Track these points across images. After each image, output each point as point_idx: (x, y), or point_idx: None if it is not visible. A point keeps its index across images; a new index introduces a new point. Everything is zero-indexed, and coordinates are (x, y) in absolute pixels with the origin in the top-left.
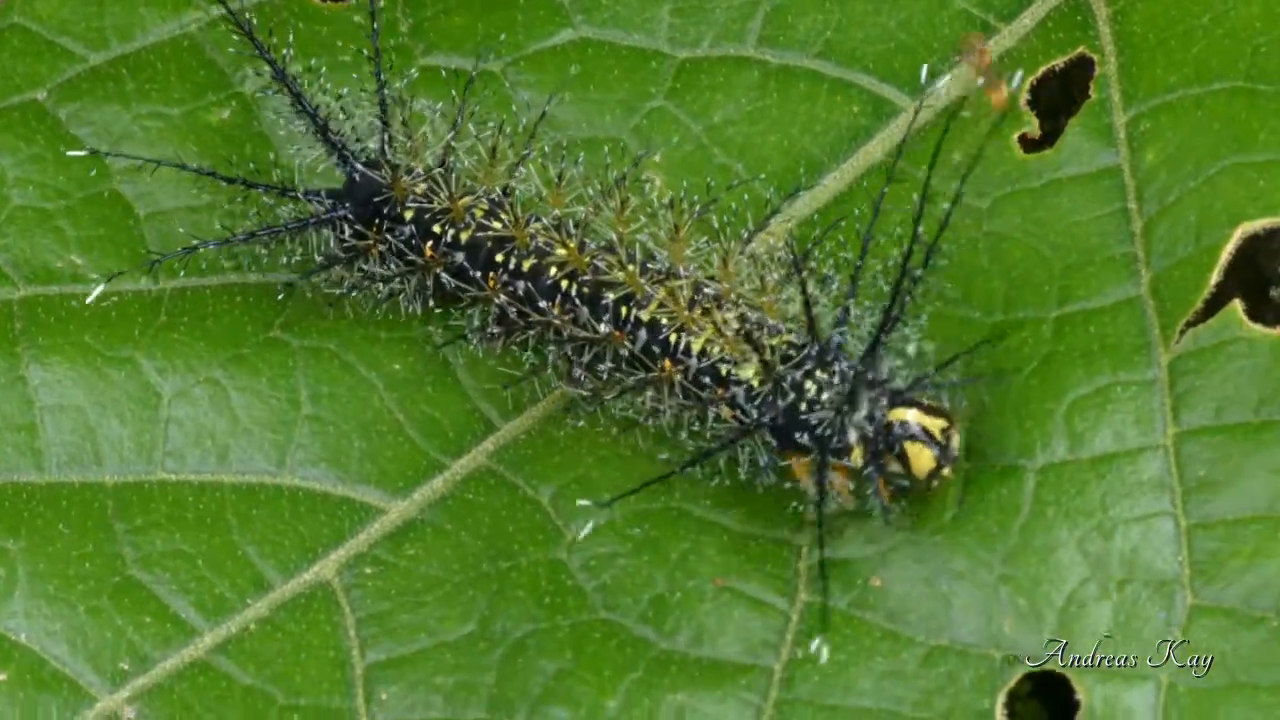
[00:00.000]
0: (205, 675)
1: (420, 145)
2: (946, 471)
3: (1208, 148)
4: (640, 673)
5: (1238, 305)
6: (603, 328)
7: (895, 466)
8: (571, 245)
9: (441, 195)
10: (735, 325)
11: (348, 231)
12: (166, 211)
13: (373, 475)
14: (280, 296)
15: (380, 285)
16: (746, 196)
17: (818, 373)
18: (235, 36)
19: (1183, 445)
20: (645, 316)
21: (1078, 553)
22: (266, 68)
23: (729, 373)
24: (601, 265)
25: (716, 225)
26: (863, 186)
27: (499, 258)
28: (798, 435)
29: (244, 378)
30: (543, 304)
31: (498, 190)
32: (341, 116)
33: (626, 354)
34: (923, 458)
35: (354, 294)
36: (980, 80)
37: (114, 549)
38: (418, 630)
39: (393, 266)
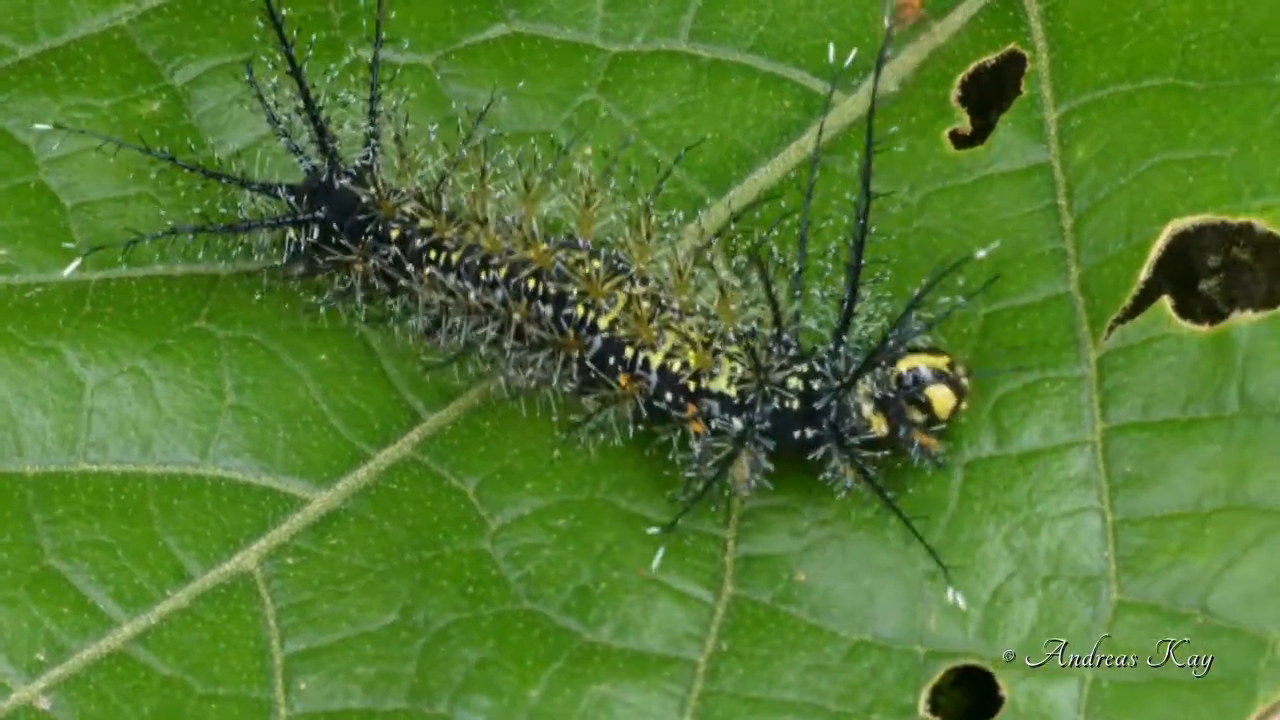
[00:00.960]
0: (123, 665)
1: (412, 164)
2: (964, 404)
3: (1138, 144)
4: (563, 663)
5: (1166, 302)
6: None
7: (917, 415)
8: (541, 247)
9: (428, 216)
10: (699, 335)
11: (316, 233)
12: (93, 202)
13: (297, 466)
14: (258, 297)
15: (343, 282)
16: (666, 188)
17: (802, 366)
18: (261, 24)
19: (1110, 441)
20: (603, 323)
21: (1004, 548)
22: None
23: (699, 386)
24: (564, 268)
25: (657, 223)
26: (792, 180)
27: (530, 283)
28: (800, 433)
29: (168, 368)
30: (498, 297)
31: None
32: (286, 118)
33: (577, 364)
34: (943, 397)
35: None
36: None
37: (32, 539)
38: (339, 620)
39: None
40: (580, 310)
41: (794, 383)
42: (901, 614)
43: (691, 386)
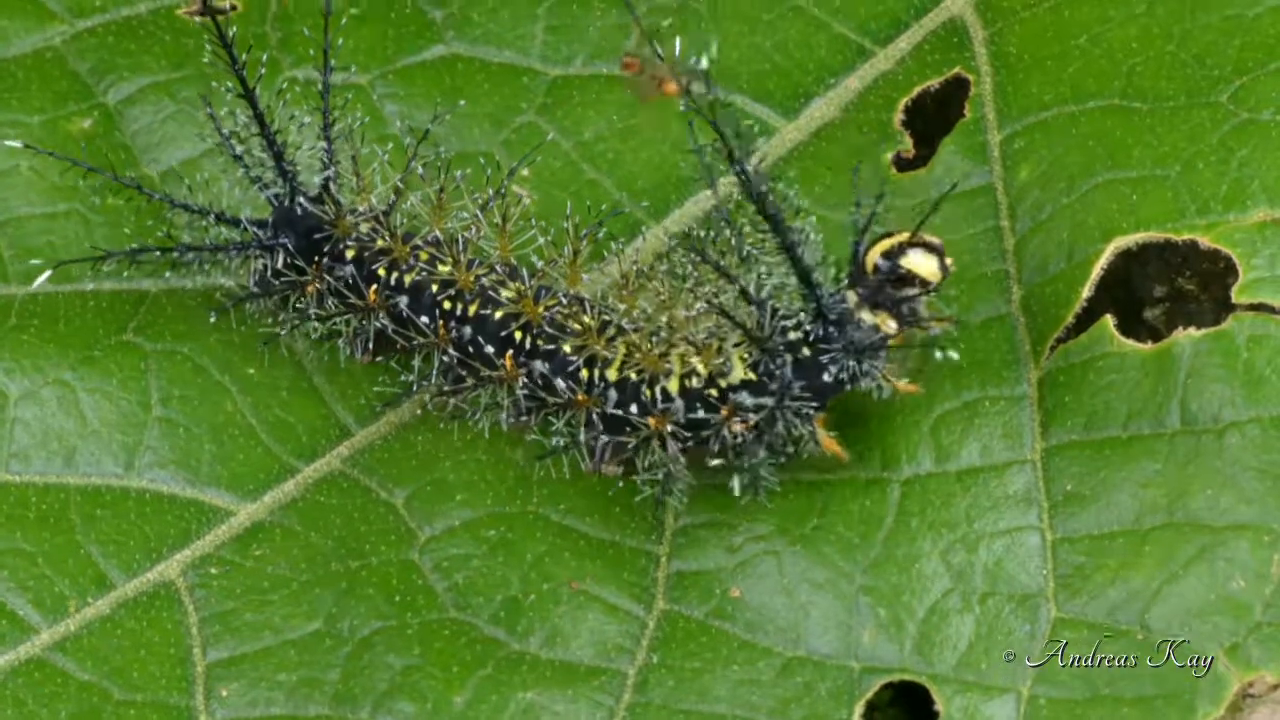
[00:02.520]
0: (41, 671)
1: (367, 185)
2: (950, 262)
3: (1081, 164)
4: (490, 670)
5: (1109, 320)
6: (561, 384)
7: (910, 290)
8: (527, 296)
9: (384, 236)
10: (699, 345)
11: (280, 261)
12: (21, 218)
13: (223, 478)
14: (213, 319)
15: (313, 318)
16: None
17: (791, 321)
18: (209, 47)
19: (1050, 460)
20: (612, 374)
21: (941, 564)
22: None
23: (723, 389)
24: (556, 321)
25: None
26: (734, 202)
27: (445, 303)
28: (828, 372)
29: (94, 379)
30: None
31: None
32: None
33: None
34: (924, 262)
35: (290, 330)
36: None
37: None
38: (262, 628)
39: (331, 305)
40: (586, 373)
41: (794, 334)
42: (837, 629)
43: (715, 393)
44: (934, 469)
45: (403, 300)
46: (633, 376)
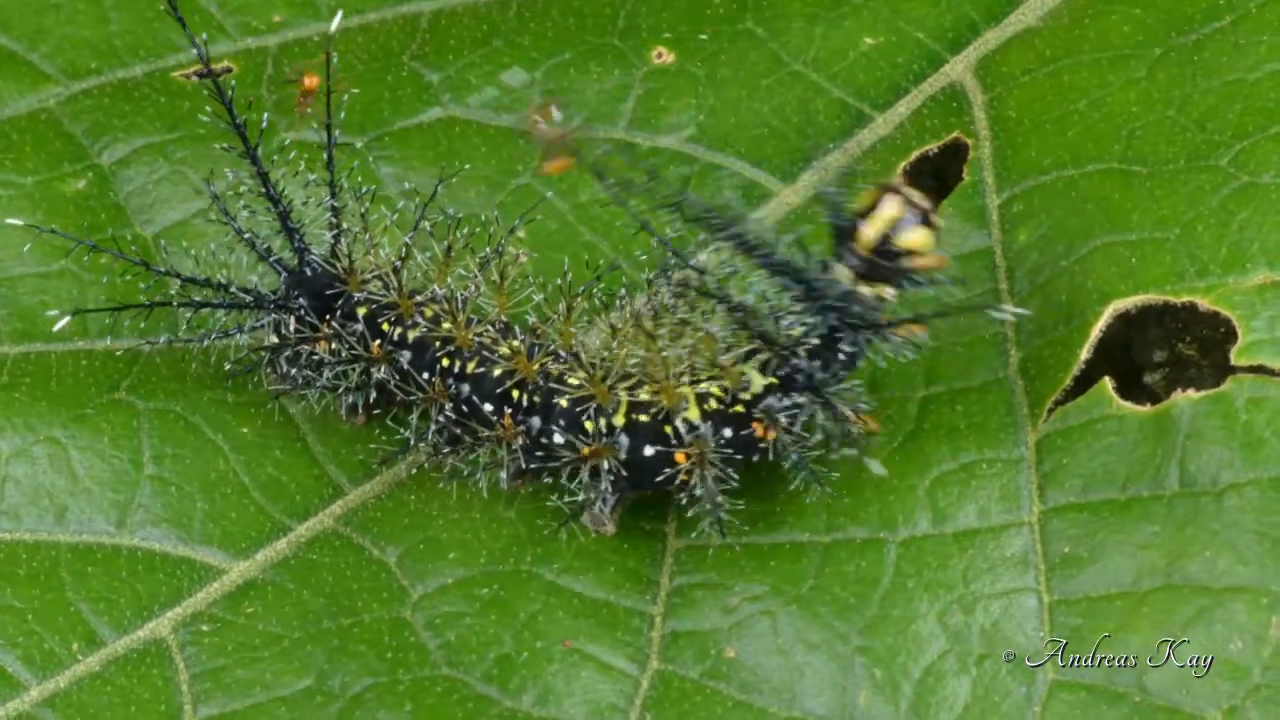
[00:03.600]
0: None
1: (374, 244)
2: (936, 220)
3: (1080, 228)
4: None
5: (1107, 383)
6: (567, 439)
7: (910, 262)
8: (521, 353)
9: (392, 293)
10: (712, 368)
11: (293, 323)
12: (14, 278)
13: (215, 536)
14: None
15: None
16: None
17: (790, 317)
18: (210, 110)
19: (1048, 522)
20: (620, 422)
21: (937, 625)
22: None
23: (747, 402)
24: (564, 377)
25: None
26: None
27: (444, 360)
28: (844, 350)
29: (86, 437)
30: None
31: (447, 287)
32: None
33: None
34: (917, 237)
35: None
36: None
37: None
38: (252, 685)
39: (338, 357)
40: (591, 424)
41: (798, 330)
42: (832, 690)
43: (741, 409)
44: (931, 530)
45: (405, 355)
46: (643, 419)
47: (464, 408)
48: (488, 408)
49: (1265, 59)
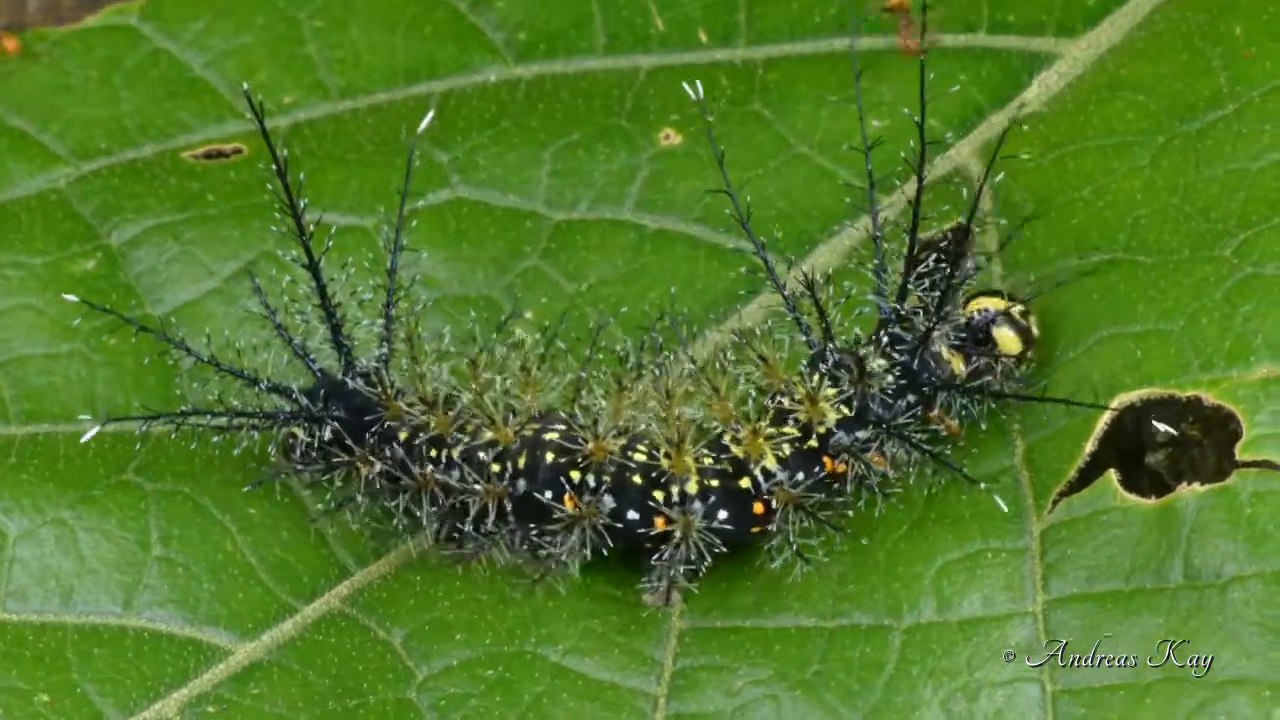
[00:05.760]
0: None
1: (423, 371)
2: (1031, 353)
3: (1086, 318)
4: None
5: (1112, 475)
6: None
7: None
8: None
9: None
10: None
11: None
12: (23, 358)
13: (222, 617)
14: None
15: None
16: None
17: (883, 346)
18: (279, 213)
19: (1052, 612)
20: (693, 489)
21: (941, 713)
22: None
23: (822, 436)
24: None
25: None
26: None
27: (496, 466)
28: (920, 393)
29: (93, 518)
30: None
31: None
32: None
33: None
34: (1009, 338)
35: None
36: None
37: None
38: None
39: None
40: (661, 494)
41: (879, 363)
42: None
43: (815, 444)
44: (936, 618)
45: (454, 475)
46: (713, 484)
47: (529, 500)
48: (548, 495)
49: (1268, 148)
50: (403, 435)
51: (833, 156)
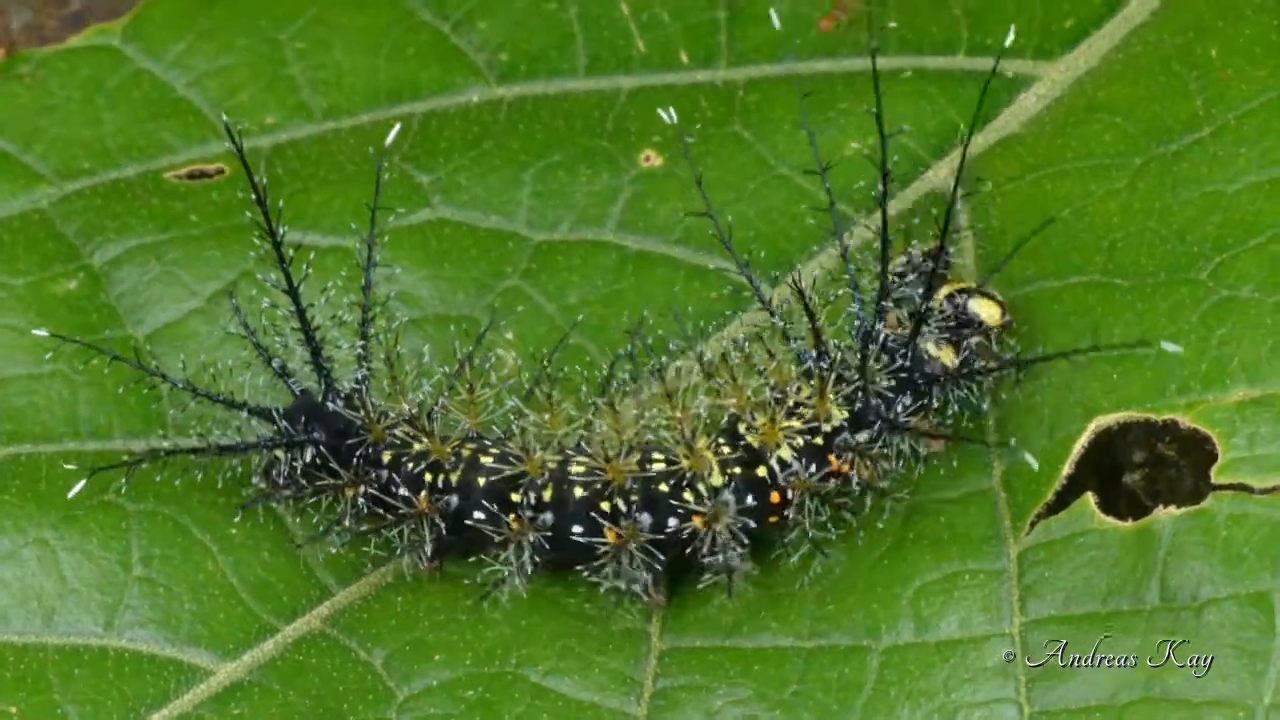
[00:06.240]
0: None
1: (403, 388)
2: (1012, 321)
3: (1063, 341)
4: None
5: (1090, 498)
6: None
7: (970, 332)
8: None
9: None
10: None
11: (309, 456)
12: (4, 379)
13: (203, 637)
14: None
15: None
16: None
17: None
18: (257, 239)
19: (1029, 634)
20: (718, 481)
21: None
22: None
23: (828, 434)
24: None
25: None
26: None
27: (516, 496)
28: (923, 387)
29: (74, 538)
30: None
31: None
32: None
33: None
34: (989, 308)
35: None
36: None
37: None
38: None
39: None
40: (690, 494)
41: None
42: None
43: (818, 440)
44: (914, 639)
45: (454, 499)
46: (738, 472)
47: (563, 530)
48: (580, 528)
49: (1243, 171)
50: (387, 456)
51: (813, 178)
